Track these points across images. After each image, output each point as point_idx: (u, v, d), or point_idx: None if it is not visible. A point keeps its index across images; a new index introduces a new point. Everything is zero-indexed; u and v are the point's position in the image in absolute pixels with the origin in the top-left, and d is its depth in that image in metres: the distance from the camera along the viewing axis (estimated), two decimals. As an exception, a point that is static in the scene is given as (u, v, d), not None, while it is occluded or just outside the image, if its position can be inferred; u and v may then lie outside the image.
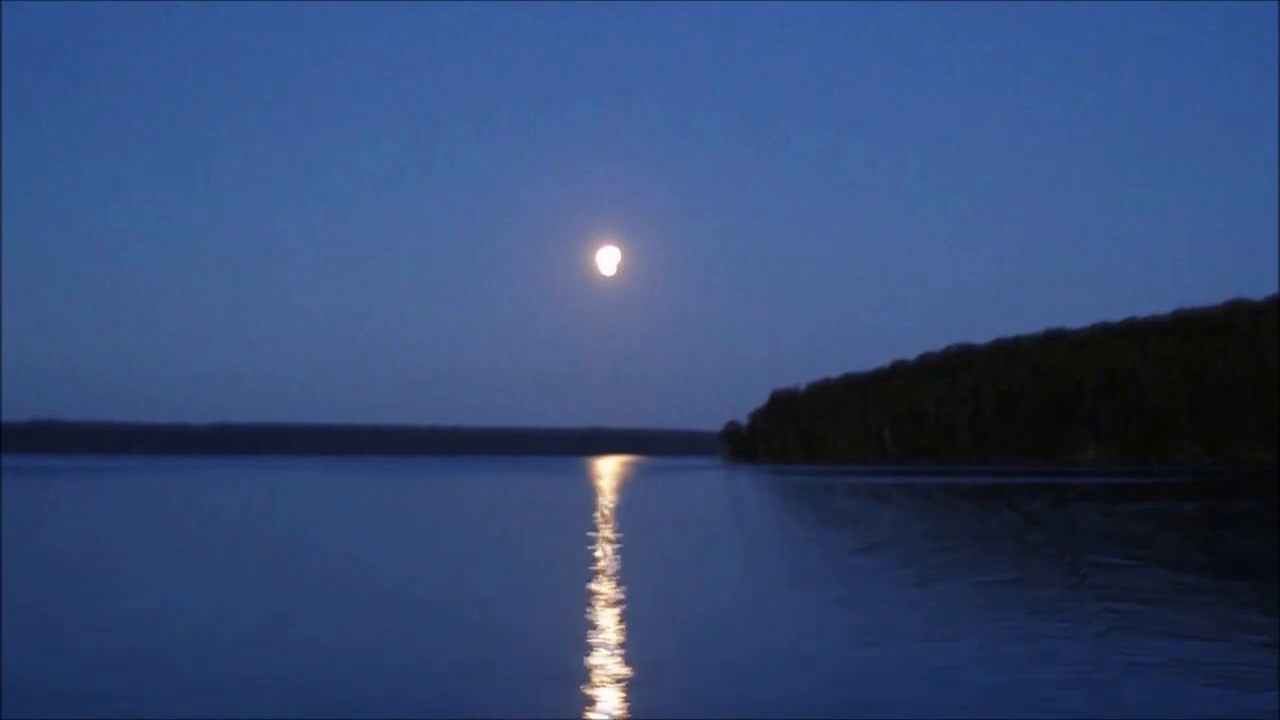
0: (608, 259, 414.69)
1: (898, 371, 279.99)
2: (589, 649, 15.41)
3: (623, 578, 24.06)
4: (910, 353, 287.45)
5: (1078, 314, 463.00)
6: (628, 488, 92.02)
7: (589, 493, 79.55)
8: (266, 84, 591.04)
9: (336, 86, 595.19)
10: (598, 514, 50.86)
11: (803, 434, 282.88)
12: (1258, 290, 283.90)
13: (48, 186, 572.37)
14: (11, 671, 14.59)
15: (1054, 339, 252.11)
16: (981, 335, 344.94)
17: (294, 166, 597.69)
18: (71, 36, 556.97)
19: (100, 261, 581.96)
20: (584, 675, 13.66)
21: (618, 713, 11.99)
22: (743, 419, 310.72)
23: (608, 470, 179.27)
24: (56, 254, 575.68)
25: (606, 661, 14.46)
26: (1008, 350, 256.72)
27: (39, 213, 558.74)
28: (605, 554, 29.80)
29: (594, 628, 17.16)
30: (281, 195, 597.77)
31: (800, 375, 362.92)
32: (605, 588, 22.14)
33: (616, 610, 19.06)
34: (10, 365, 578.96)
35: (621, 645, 15.68)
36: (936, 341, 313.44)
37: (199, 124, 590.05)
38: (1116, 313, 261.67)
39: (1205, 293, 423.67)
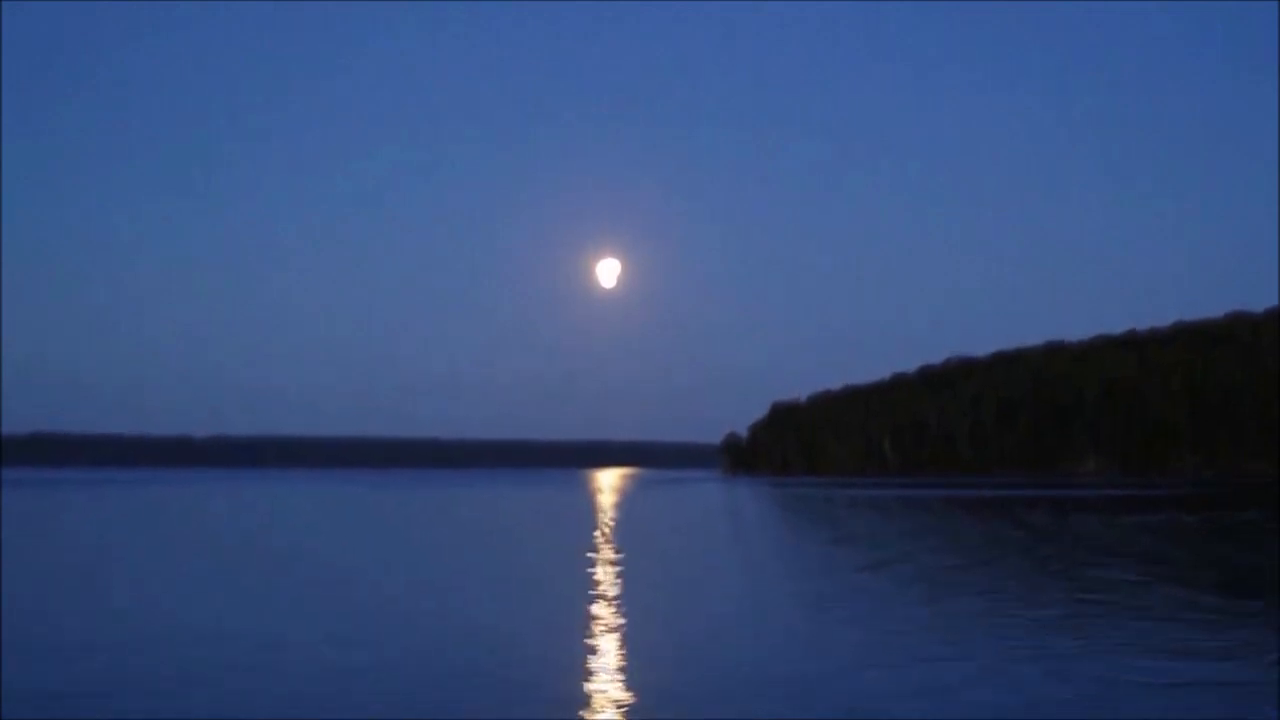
0: (608, 271, 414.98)
1: (898, 383, 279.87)
2: (588, 662, 15.26)
3: (622, 593, 23.89)
4: (911, 364, 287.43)
5: (1078, 325, 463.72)
6: (628, 500, 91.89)
7: (589, 505, 79.41)
8: (265, 92, 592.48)
9: (336, 95, 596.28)
10: (598, 527, 50.71)
11: (803, 446, 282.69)
12: (1258, 301, 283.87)
13: (47, 194, 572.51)
14: (11, 676, 14.56)
15: (1054, 350, 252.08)
16: (982, 347, 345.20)
17: (293, 176, 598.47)
18: (69, 41, 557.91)
19: (100, 271, 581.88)
20: (584, 683, 13.51)
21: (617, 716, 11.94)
22: (743, 431, 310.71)
23: (607, 482, 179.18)
24: (56, 263, 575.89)
25: (606, 673, 14.32)
26: (1008, 361, 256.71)
27: (38, 221, 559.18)
28: (605, 568, 29.66)
29: (593, 643, 16.99)
30: (280, 205, 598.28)
31: (801, 387, 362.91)
32: (604, 603, 21.95)
33: (616, 628, 18.90)
34: (10, 376, 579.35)
35: (620, 665, 15.53)
36: (937, 353, 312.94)
37: (197, 133, 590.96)
38: (1117, 324, 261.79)
39: (1205, 304, 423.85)
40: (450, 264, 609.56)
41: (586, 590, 23.84)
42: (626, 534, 44.65)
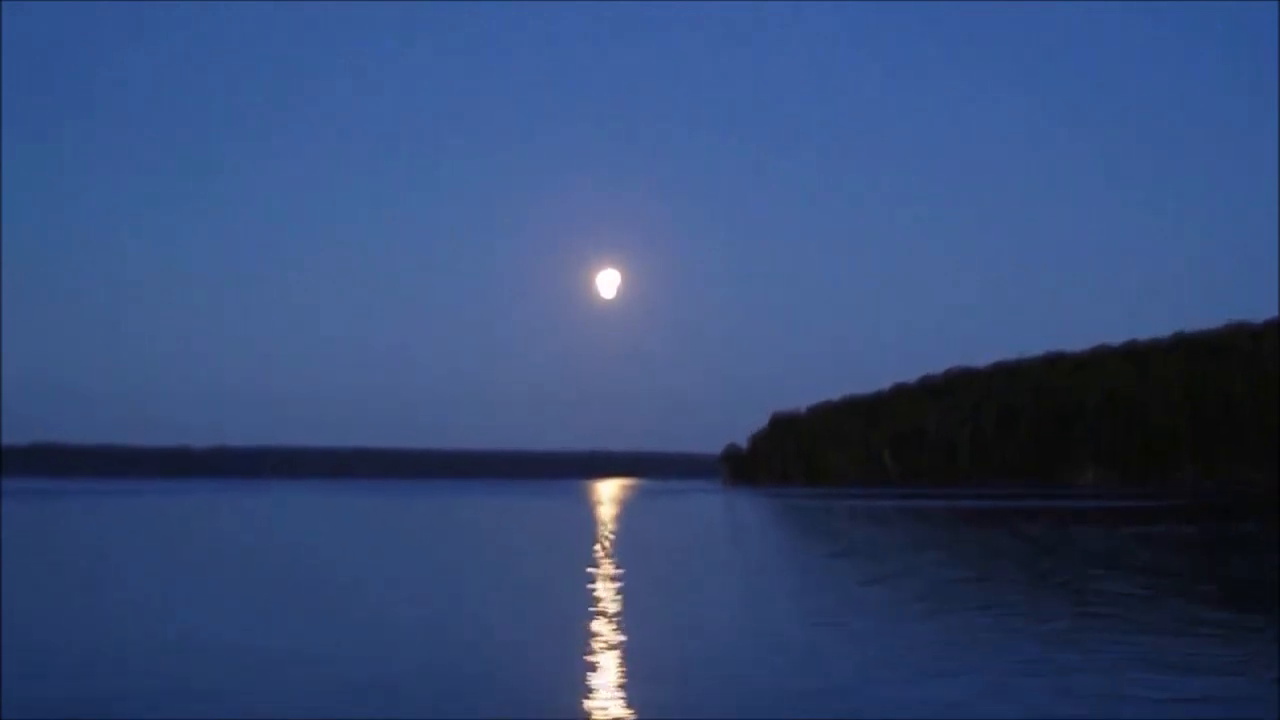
0: (607, 282, 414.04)
1: (899, 393, 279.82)
2: (588, 669, 15.36)
3: (622, 602, 24.00)
4: (911, 374, 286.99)
5: (1078, 335, 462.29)
6: (628, 511, 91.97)
7: (589, 516, 79.51)
8: (266, 101, 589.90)
9: (336, 105, 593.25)
10: (599, 537, 50.82)
11: (803, 456, 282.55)
12: (1258, 311, 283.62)
13: (47, 201, 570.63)
14: (11, 680, 14.69)
15: (1054, 360, 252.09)
16: (982, 356, 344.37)
17: (291, 184, 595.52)
18: (69, 43, 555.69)
19: (100, 279, 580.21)
20: (583, 694, 13.73)
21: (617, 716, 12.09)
22: (743, 442, 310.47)
23: (608, 493, 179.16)
24: (56, 274, 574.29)
25: (607, 675, 14.53)
26: (1008, 372, 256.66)
27: (38, 231, 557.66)
28: (605, 577, 29.77)
29: (594, 651, 17.14)
30: (279, 213, 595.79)
31: (801, 397, 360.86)
32: (605, 613, 22.07)
33: (616, 638, 19.02)
34: (10, 386, 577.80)
35: (620, 675, 15.67)
36: (937, 363, 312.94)
37: (198, 144, 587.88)
38: (1117, 334, 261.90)
39: (1206, 314, 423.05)
40: (449, 273, 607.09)
41: (586, 607, 23.86)
42: (627, 545, 44.73)
